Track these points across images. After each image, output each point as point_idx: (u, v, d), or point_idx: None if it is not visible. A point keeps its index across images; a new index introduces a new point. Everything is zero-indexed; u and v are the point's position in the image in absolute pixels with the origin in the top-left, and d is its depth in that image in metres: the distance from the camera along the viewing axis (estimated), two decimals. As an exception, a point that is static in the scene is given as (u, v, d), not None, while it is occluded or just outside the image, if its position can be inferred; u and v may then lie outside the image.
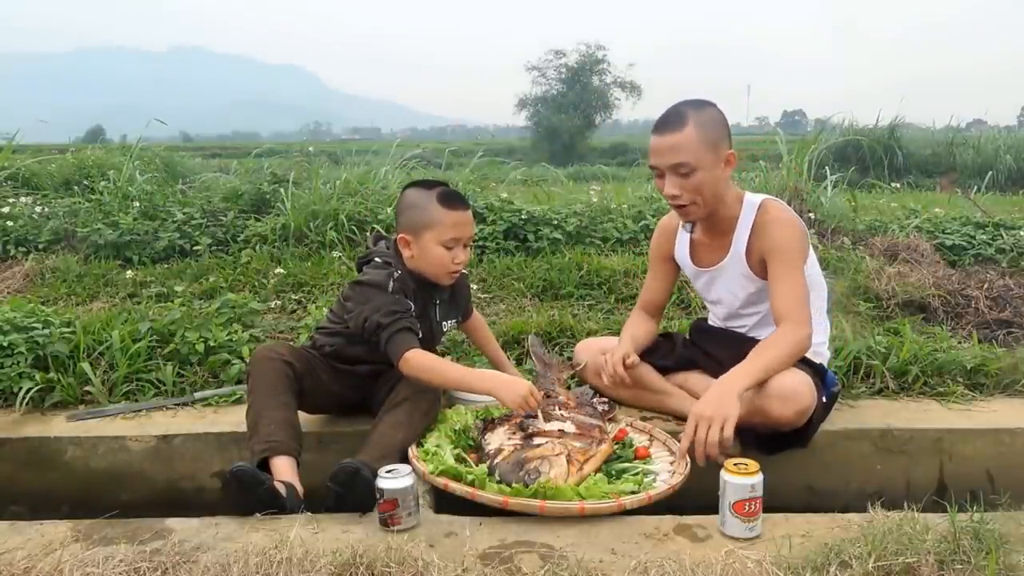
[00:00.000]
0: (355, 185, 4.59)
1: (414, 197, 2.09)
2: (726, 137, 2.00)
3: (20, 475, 2.16)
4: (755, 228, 2.05)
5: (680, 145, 1.94)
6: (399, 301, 2.00)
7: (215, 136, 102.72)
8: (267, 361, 1.96)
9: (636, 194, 5.02)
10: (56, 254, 3.99)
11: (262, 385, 1.93)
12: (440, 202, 2.03)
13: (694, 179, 1.96)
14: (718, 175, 1.99)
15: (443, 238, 2.03)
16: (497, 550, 1.50)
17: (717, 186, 2.01)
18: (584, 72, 30.98)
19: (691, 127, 1.94)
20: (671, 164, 1.96)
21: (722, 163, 1.99)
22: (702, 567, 1.40)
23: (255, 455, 1.81)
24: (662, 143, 1.97)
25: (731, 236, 2.09)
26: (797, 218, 2.07)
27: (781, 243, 1.99)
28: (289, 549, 1.44)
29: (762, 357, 1.88)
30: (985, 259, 3.92)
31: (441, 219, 2.03)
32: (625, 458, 1.93)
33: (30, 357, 2.41)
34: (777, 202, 2.09)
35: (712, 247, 2.16)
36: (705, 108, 1.99)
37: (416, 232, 2.05)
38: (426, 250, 2.05)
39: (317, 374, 2.07)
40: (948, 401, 2.36)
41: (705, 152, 1.95)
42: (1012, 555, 1.40)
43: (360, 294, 2.05)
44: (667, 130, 1.97)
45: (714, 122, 1.97)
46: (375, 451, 1.80)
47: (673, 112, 1.98)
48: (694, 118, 1.95)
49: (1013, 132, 12.80)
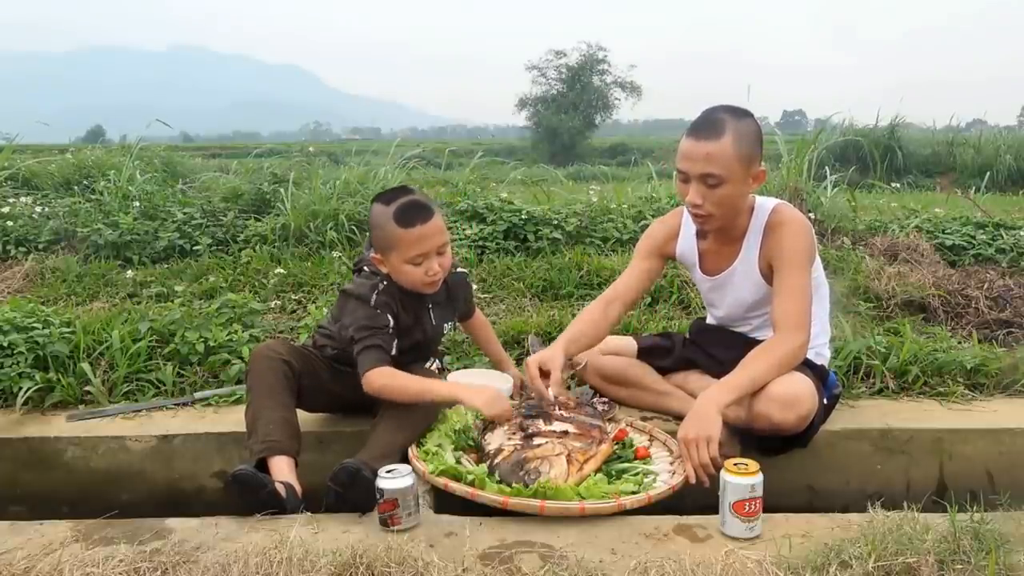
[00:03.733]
0: (355, 185, 4.60)
1: (377, 215, 2.01)
2: (759, 152, 1.94)
3: (20, 475, 2.16)
4: (766, 231, 2.01)
5: (715, 156, 1.87)
6: (376, 317, 1.98)
7: (215, 136, 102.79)
8: (266, 360, 1.96)
9: (636, 194, 5.02)
10: (56, 254, 3.99)
11: (261, 384, 1.93)
12: (396, 222, 1.95)
13: (720, 191, 1.90)
14: (744, 191, 1.95)
15: (407, 256, 1.97)
16: (497, 550, 1.50)
17: (741, 201, 1.97)
18: (584, 72, 30.99)
19: (729, 138, 1.87)
20: (701, 173, 1.90)
21: (751, 179, 1.94)
22: (702, 567, 1.40)
23: (254, 455, 1.81)
24: (696, 149, 1.89)
25: (741, 243, 2.06)
26: (806, 220, 2.04)
27: (790, 247, 1.96)
28: (289, 549, 1.44)
29: (749, 369, 1.87)
30: (985, 259, 3.92)
31: (400, 238, 1.95)
32: (625, 458, 1.93)
33: (30, 357, 2.41)
34: (787, 205, 2.06)
35: (721, 254, 2.12)
36: (744, 119, 1.92)
37: (384, 252, 2.01)
38: (396, 269, 2.01)
39: (317, 373, 2.07)
40: (948, 401, 2.36)
41: (738, 167, 1.89)
42: (1012, 555, 1.39)
43: (344, 305, 2.07)
44: (704, 136, 1.89)
45: (752, 136, 1.91)
46: (375, 451, 1.80)
47: (712, 118, 1.91)
48: (733, 129, 1.88)
49: (1013, 132, 12.80)
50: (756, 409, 1.87)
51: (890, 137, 10.11)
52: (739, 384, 1.85)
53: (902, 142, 10.29)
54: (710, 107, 1.96)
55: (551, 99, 30.51)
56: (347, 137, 59.84)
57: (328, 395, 2.12)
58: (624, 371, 2.27)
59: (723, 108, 1.94)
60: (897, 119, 10.49)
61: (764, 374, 1.86)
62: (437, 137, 52.13)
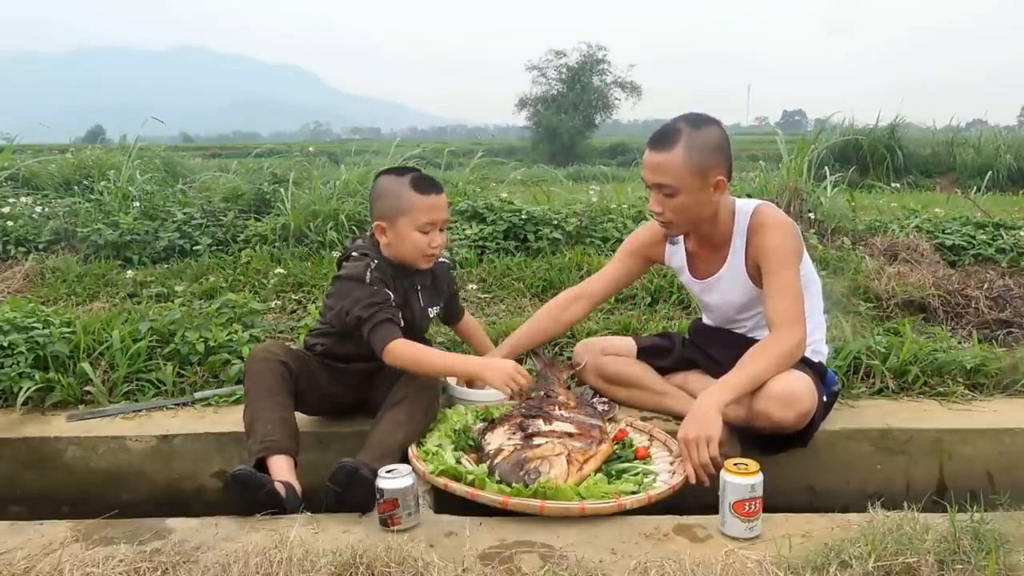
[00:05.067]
0: (355, 185, 4.60)
1: (387, 184, 2.09)
2: (720, 162, 1.95)
3: (20, 475, 2.16)
4: (749, 234, 2.03)
5: (664, 166, 1.92)
6: (378, 292, 2.00)
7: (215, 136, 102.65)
8: (263, 361, 1.97)
9: (636, 194, 5.02)
10: (56, 254, 4.00)
11: (258, 385, 1.93)
12: (413, 187, 2.04)
13: (675, 200, 1.95)
14: (703, 199, 1.96)
15: (419, 223, 2.04)
16: (497, 550, 1.50)
17: (701, 209, 1.99)
18: (584, 72, 30.98)
19: (680, 149, 1.90)
20: (654, 183, 1.96)
21: (710, 188, 1.95)
22: (702, 567, 1.41)
23: (252, 455, 1.81)
24: (650, 160, 1.96)
25: (727, 248, 2.08)
26: (788, 219, 2.05)
27: (774, 247, 1.97)
28: (289, 549, 1.44)
29: (748, 367, 1.88)
30: (985, 259, 3.92)
31: (415, 204, 2.03)
32: (625, 458, 1.93)
33: (30, 357, 2.41)
34: (768, 206, 2.07)
35: (709, 259, 2.14)
36: (702, 128, 1.93)
37: (391, 219, 2.05)
38: (402, 236, 2.05)
39: (313, 374, 2.07)
40: (948, 401, 2.36)
41: (690, 177, 1.92)
42: (1012, 555, 1.40)
43: (340, 289, 2.07)
44: (657, 147, 1.94)
45: (707, 146, 1.92)
46: (375, 451, 1.80)
47: (668, 129, 1.95)
48: (687, 140, 1.90)
49: (1013, 132, 12.79)
50: (756, 407, 1.88)
51: (890, 137, 10.09)
52: (738, 383, 1.85)
53: (902, 142, 10.27)
54: (675, 116, 1.99)
55: (551, 99, 30.50)
56: (347, 137, 59.84)
57: (326, 397, 2.11)
58: (624, 371, 2.27)
59: (684, 118, 1.96)
60: (897, 119, 10.48)
61: (763, 372, 1.87)
62: (437, 137, 52.17)
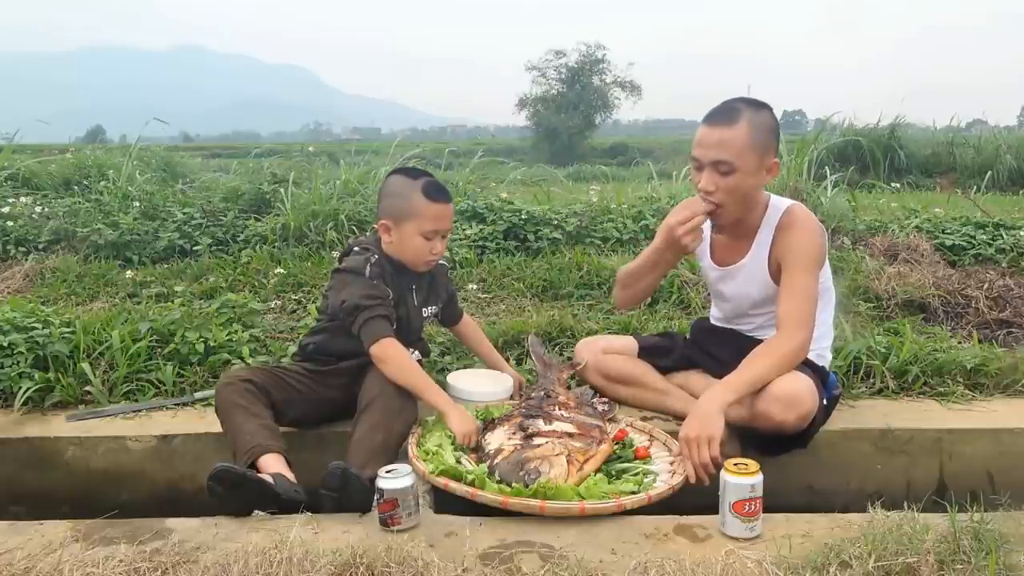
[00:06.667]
0: (355, 185, 4.60)
1: (399, 185, 2.11)
2: (774, 145, 1.96)
3: (20, 475, 2.16)
4: (777, 229, 2.02)
5: (727, 142, 1.89)
6: (377, 287, 2.02)
7: (215, 136, 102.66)
8: (225, 388, 1.96)
9: (636, 194, 5.02)
10: (56, 254, 3.99)
11: (230, 407, 1.92)
12: (424, 194, 2.05)
13: (732, 179, 1.91)
14: (757, 181, 1.96)
15: (424, 229, 2.06)
16: (497, 550, 1.50)
17: (753, 192, 1.98)
18: (584, 72, 30.98)
19: (743, 125, 1.89)
20: (713, 159, 1.91)
21: (764, 170, 1.95)
22: (702, 567, 1.40)
23: (243, 466, 1.79)
24: (710, 135, 1.92)
25: (753, 239, 2.06)
26: (820, 225, 2.05)
27: (800, 247, 1.97)
28: (289, 549, 1.44)
29: (750, 368, 1.88)
30: (985, 259, 3.92)
31: (423, 211, 2.05)
32: (625, 458, 1.93)
33: (30, 357, 2.41)
34: (802, 207, 2.07)
35: (733, 247, 2.13)
36: (761, 110, 1.94)
37: (397, 220, 2.07)
38: (406, 238, 2.07)
39: (288, 385, 2.05)
40: (948, 401, 2.36)
41: (751, 155, 1.90)
42: (1012, 555, 1.40)
43: (339, 281, 2.08)
44: (718, 123, 1.91)
45: (767, 127, 1.93)
46: (358, 458, 1.79)
47: (728, 106, 1.93)
48: (749, 117, 1.90)
49: (1013, 132, 12.76)
50: (757, 408, 1.88)
51: (890, 137, 10.09)
52: (740, 383, 1.85)
53: (902, 142, 10.26)
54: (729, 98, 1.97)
55: (551, 99, 30.50)
56: (347, 137, 59.82)
57: (309, 404, 2.08)
58: (625, 370, 2.27)
59: (741, 99, 1.97)
60: (897, 119, 10.48)
61: (765, 373, 1.87)
62: (437, 137, 52.14)
